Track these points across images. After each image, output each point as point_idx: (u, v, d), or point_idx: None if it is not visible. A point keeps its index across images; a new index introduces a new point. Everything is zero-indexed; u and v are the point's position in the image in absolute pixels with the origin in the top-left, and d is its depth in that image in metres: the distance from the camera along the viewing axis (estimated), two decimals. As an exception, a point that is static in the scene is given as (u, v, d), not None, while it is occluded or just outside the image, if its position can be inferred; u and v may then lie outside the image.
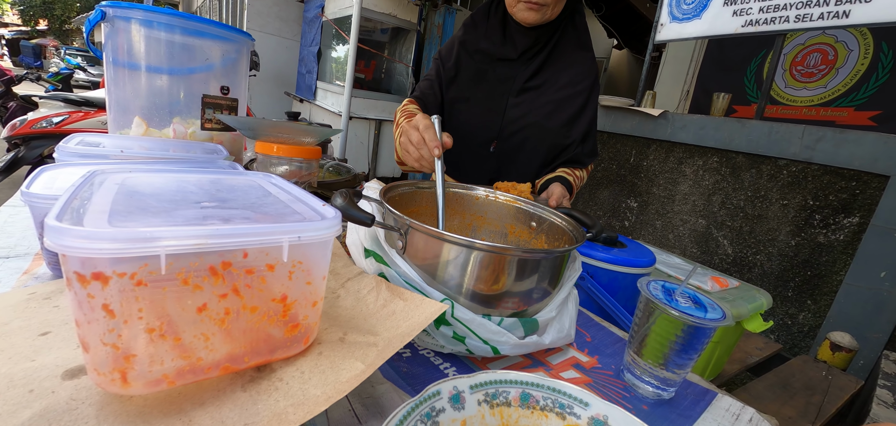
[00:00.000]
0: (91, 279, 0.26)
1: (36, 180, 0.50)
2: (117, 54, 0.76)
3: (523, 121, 0.92)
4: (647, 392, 0.48)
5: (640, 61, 5.27)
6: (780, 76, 3.01)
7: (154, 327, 0.28)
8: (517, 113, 0.92)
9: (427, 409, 0.32)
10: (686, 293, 0.49)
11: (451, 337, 0.46)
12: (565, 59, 0.92)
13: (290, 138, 0.77)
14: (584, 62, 0.92)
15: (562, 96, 0.91)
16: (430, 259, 0.48)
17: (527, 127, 0.92)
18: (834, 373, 1.47)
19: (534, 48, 0.90)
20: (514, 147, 0.93)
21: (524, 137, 0.92)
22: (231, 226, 0.30)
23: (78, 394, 0.30)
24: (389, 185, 0.62)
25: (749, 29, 1.97)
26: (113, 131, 0.81)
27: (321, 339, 0.39)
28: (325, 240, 0.35)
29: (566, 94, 0.91)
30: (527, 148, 0.93)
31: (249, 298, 0.32)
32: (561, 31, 0.91)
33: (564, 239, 0.60)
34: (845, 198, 1.74)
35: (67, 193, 0.32)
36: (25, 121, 3.02)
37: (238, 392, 0.32)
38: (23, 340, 0.35)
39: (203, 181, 0.44)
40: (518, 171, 0.93)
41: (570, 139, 0.91)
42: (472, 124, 0.95)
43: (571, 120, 0.91)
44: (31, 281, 0.50)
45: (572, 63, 0.91)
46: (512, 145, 0.93)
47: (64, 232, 0.24)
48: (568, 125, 0.91)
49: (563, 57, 0.92)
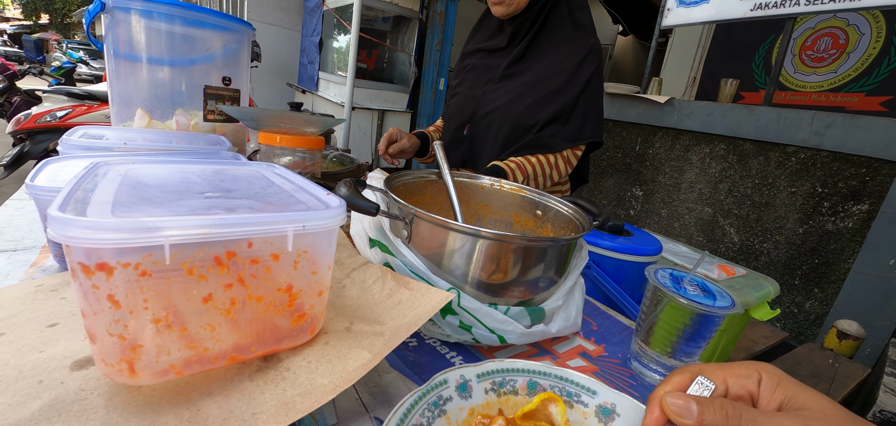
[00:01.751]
0: (95, 270, 0.26)
1: (40, 173, 0.50)
2: (118, 46, 0.75)
3: (493, 104, 0.92)
4: (654, 380, 0.48)
5: (645, 47, 5.19)
6: (789, 61, 2.95)
7: (160, 317, 0.28)
8: (491, 97, 0.93)
9: (434, 398, 0.32)
10: (694, 281, 0.48)
11: (458, 326, 0.46)
12: (553, 39, 0.89)
13: (293, 128, 0.77)
14: (574, 41, 0.88)
15: (537, 78, 0.89)
16: (435, 248, 0.48)
17: (494, 110, 0.92)
18: (841, 361, 1.46)
19: (518, 35, 0.90)
20: (482, 130, 0.94)
21: (490, 120, 0.92)
22: (235, 216, 0.29)
23: (86, 384, 0.30)
24: (394, 175, 0.61)
25: (758, 13, 1.93)
26: (116, 124, 0.81)
27: (327, 329, 0.39)
28: (331, 230, 0.35)
29: (544, 75, 0.88)
30: (492, 130, 0.93)
31: (255, 288, 0.32)
32: (546, 14, 0.89)
33: (570, 227, 0.60)
34: (855, 185, 1.71)
35: (70, 185, 0.31)
36: (30, 115, 3.04)
37: (245, 382, 0.32)
38: (31, 332, 0.36)
39: (206, 172, 0.44)
40: (486, 154, 0.94)
41: (534, 120, 0.88)
42: (453, 110, 1.00)
43: (542, 101, 0.88)
44: (39, 273, 0.50)
45: (561, 44, 0.89)
46: (480, 128, 0.95)
47: (68, 222, 0.24)
48: (535, 106, 0.88)
49: (551, 38, 0.90)
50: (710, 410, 0.25)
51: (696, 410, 0.25)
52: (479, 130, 0.95)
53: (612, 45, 5.94)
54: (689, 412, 0.25)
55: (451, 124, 1.01)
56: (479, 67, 0.98)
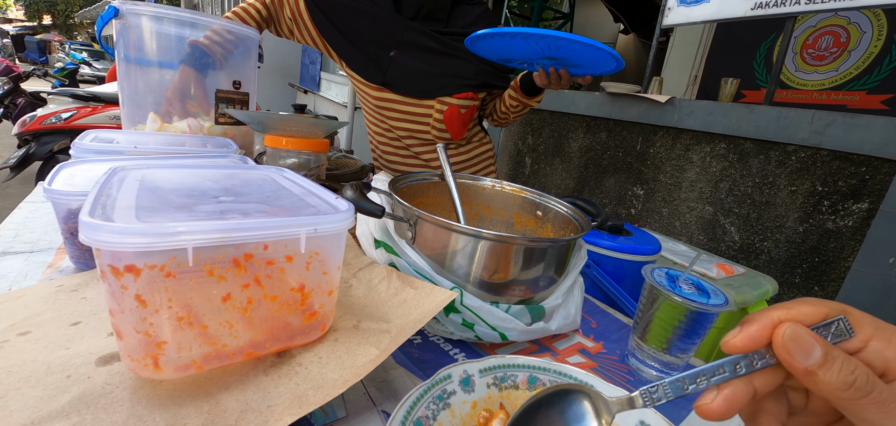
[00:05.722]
0: (124, 271, 0.27)
1: (56, 177, 0.52)
2: (129, 51, 0.77)
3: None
4: (650, 376, 0.50)
5: (647, 46, 5.19)
6: (790, 60, 2.95)
7: (182, 316, 0.30)
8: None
9: (439, 392, 0.34)
10: (689, 280, 0.50)
11: (461, 324, 0.48)
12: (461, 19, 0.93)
13: (298, 131, 0.79)
14: (476, 14, 0.93)
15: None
16: (439, 249, 0.49)
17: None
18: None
19: (420, 14, 0.91)
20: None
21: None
22: (253, 220, 0.31)
23: (112, 379, 0.32)
24: (398, 177, 0.63)
25: (759, 12, 1.93)
26: (126, 127, 0.83)
27: (336, 327, 0.41)
28: (340, 232, 0.36)
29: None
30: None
31: (270, 288, 0.34)
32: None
33: (570, 227, 0.61)
34: (855, 183, 1.72)
35: (94, 190, 0.33)
36: (35, 117, 3.06)
37: (260, 376, 0.34)
38: (56, 330, 0.37)
39: (218, 176, 0.46)
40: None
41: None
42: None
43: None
44: (56, 274, 0.52)
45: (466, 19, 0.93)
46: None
47: (97, 227, 0.26)
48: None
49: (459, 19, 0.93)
50: (836, 367, 0.18)
51: (819, 355, 0.18)
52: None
53: (613, 43, 5.93)
54: (806, 353, 0.19)
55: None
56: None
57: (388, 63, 0.92)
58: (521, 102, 0.90)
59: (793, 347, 0.19)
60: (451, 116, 0.92)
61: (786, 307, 0.21)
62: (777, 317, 0.20)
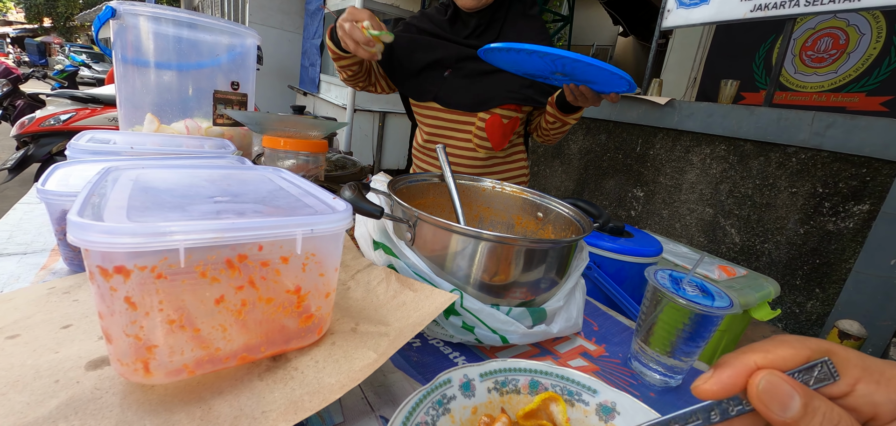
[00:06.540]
0: (113, 273, 0.27)
1: (50, 177, 0.51)
2: (126, 51, 0.77)
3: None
4: (654, 379, 0.49)
5: (646, 48, 5.20)
6: (789, 61, 2.96)
7: (174, 319, 0.29)
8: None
9: (438, 397, 0.33)
10: (693, 282, 0.49)
11: (461, 326, 0.47)
12: (514, 32, 0.92)
13: (296, 132, 0.78)
14: (531, 29, 0.92)
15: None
16: (438, 250, 0.49)
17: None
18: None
19: (476, 32, 0.91)
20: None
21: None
22: (246, 220, 0.30)
23: (101, 383, 0.31)
24: (397, 178, 0.62)
25: (758, 14, 1.93)
26: (124, 128, 0.82)
27: (334, 330, 0.40)
28: (337, 233, 0.35)
29: None
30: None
31: (265, 290, 0.33)
32: (506, 9, 0.91)
33: (571, 229, 0.60)
34: (855, 185, 1.72)
35: (86, 190, 0.32)
36: (34, 119, 3.05)
37: (255, 381, 0.33)
38: (46, 333, 0.37)
39: (215, 176, 0.45)
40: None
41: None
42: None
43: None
44: (49, 276, 0.51)
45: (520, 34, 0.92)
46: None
47: (86, 227, 0.25)
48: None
49: (512, 31, 0.92)
50: (816, 419, 0.17)
51: (797, 407, 0.17)
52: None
53: (612, 45, 5.95)
54: (784, 405, 0.17)
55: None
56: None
57: (441, 82, 0.94)
58: (557, 118, 0.89)
59: (768, 399, 0.18)
60: (492, 126, 0.92)
61: (763, 350, 0.19)
62: (753, 362, 0.19)
